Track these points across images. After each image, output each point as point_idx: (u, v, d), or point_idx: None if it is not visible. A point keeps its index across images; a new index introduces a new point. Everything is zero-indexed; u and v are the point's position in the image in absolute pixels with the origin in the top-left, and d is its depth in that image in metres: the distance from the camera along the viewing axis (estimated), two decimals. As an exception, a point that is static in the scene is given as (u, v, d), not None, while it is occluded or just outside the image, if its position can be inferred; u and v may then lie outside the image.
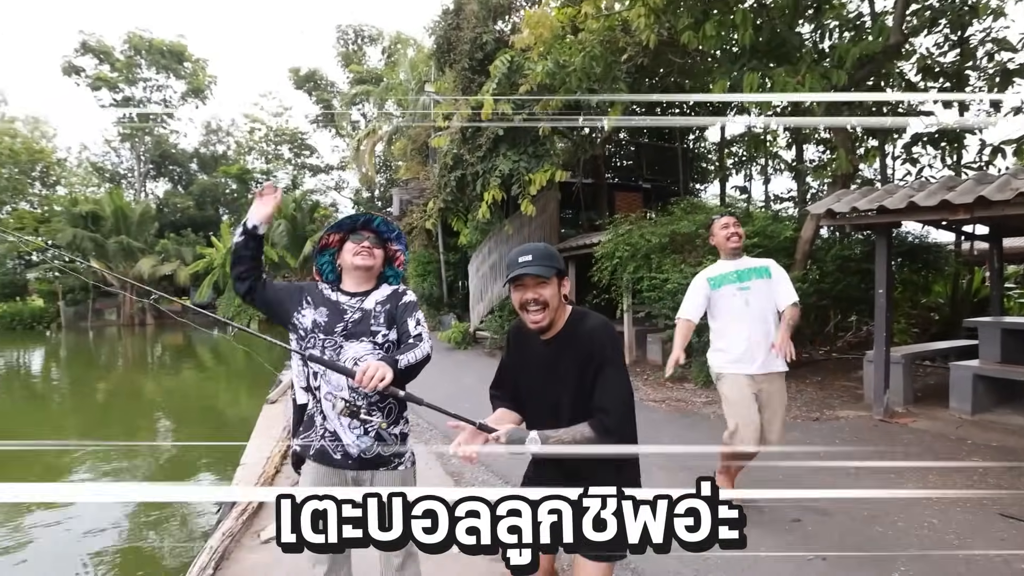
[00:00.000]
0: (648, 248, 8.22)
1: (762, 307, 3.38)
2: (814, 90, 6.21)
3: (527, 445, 1.74)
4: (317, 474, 2.10)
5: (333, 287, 2.21)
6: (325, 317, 2.10)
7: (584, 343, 1.80)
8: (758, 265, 3.49)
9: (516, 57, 9.69)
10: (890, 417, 5.71)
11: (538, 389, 1.90)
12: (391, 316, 2.15)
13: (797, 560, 2.98)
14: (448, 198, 11.64)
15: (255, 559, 3.32)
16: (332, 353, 2.07)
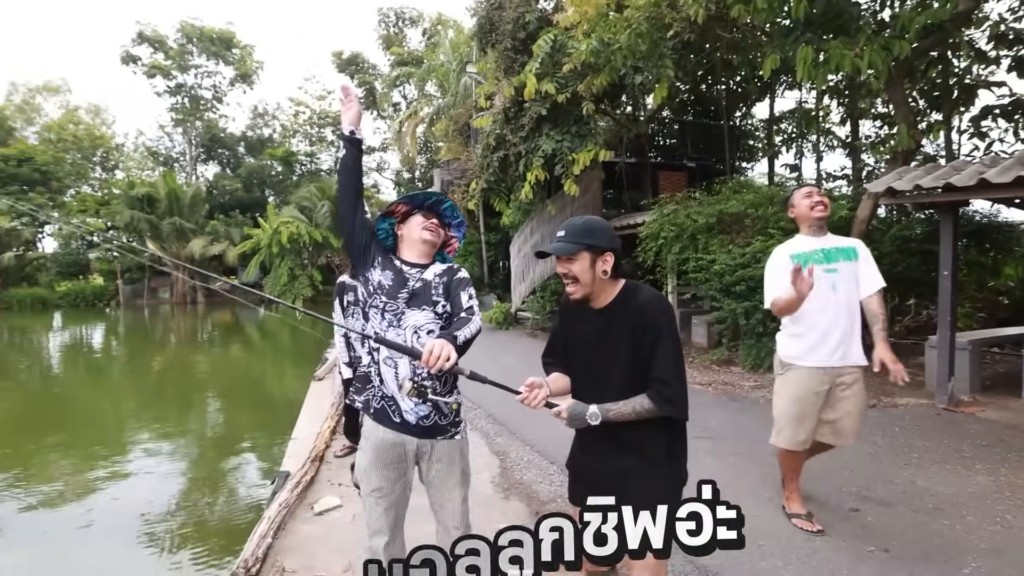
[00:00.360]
0: (694, 228, 8.08)
1: (849, 294, 3.03)
2: (874, 64, 5.91)
3: (588, 420, 1.78)
4: (378, 435, 2.14)
5: (393, 254, 2.25)
6: (390, 280, 2.14)
7: (635, 315, 1.81)
8: (845, 245, 3.12)
9: (559, 36, 9.54)
10: (955, 406, 5.46)
11: (587, 359, 1.92)
12: (448, 288, 2.19)
13: (856, 551, 2.89)
14: (491, 178, 11.64)
15: (309, 530, 3.41)
16: (392, 317, 2.11)
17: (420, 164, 30.44)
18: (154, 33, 37.43)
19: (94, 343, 19.46)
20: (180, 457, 6.71)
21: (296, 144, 42.58)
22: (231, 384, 11.49)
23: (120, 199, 32.64)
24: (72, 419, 8.75)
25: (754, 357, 7.41)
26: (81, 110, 42.78)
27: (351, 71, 36.92)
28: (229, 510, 5.06)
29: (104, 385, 11.86)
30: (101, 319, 27.03)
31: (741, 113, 15.98)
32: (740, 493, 3.68)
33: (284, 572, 2.91)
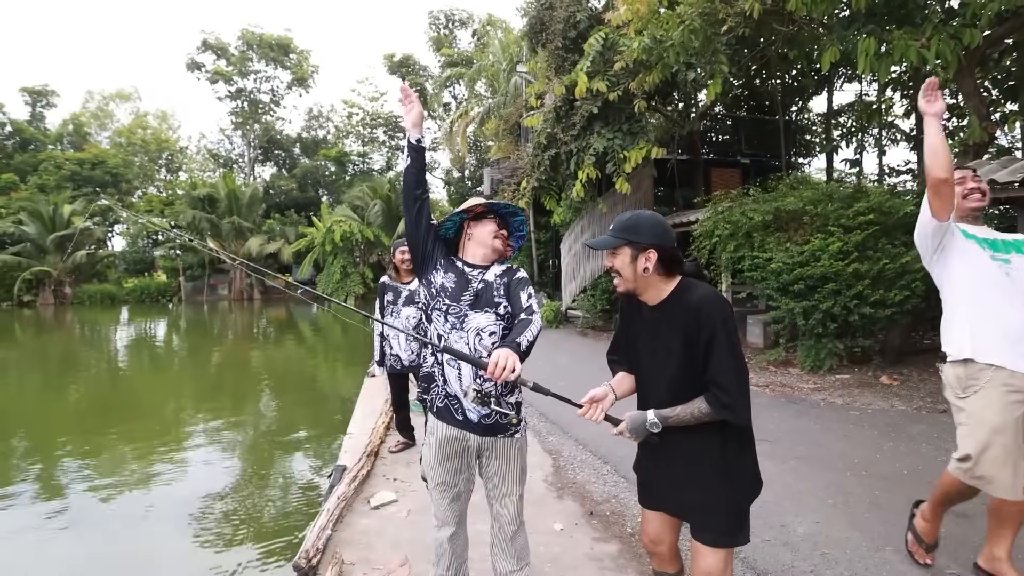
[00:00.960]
0: (750, 226, 7.93)
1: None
2: (942, 54, 5.70)
3: (649, 430, 1.79)
4: (441, 432, 2.19)
5: (455, 256, 2.29)
6: (453, 283, 2.17)
7: (688, 313, 1.75)
8: (1014, 239, 2.44)
9: (611, 34, 9.53)
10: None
11: (645, 355, 1.91)
12: (508, 289, 2.22)
13: (928, 568, 2.76)
14: (541, 177, 11.72)
15: (365, 524, 3.47)
16: (456, 320, 2.13)
17: (470, 163, 30.78)
18: (217, 41, 39.36)
19: (157, 337, 20.25)
20: (237, 450, 6.84)
21: (349, 145, 43.84)
22: (286, 379, 11.77)
23: (183, 199, 34.40)
24: (136, 410, 9.12)
25: (813, 358, 7.24)
26: (149, 116, 45.67)
27: (402, 73, 37.75)
28: (285, 503, 5.14)
29: (165, 378, 12.31)
30: (164, 314, 28.16)
31: (797, 107, 15.53)
32: (802, 498, 3.65)
33: (343, 564, 2.95)
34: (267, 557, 4.08)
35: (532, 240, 15.43)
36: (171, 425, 7.95)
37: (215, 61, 39.89)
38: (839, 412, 5.63)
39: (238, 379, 11.91)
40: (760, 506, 3.44)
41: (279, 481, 5.78)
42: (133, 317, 26.66)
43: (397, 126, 42.50)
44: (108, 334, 20.91)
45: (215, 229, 31.92)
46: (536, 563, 2.94)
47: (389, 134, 42.84)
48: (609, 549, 3.08)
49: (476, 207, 2.27)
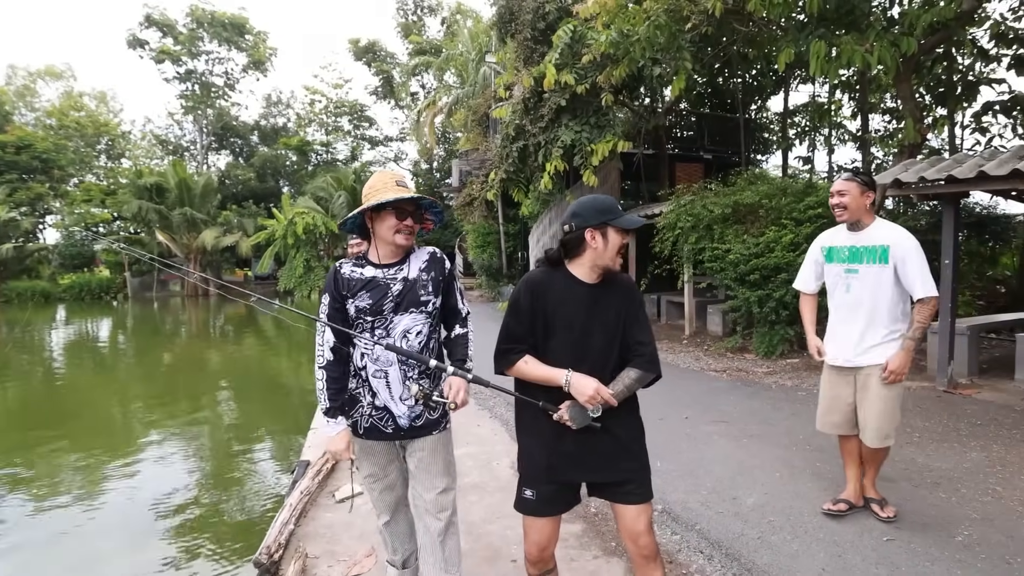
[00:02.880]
0: (710, 219, 8.30)
1: (864, 299, 2.97)
2: (883, 59, 6.12)
3: (592, 413, 1.88)
4: (370, 448, 2.20)
5: (360, 263, 2.14)
6: (368, 300, 2.06)
7: (623, 288, 2.02)
8: (878, 244, 2.92)
9: (579, 27, 9.70)
10: (954, 388, 5.75)
11: (571, 333, 1.94)
12: (438, 284, 2.16)
13: (860, 524, 3.11)
14: (510, 169, 11.83)
15: (330, 517, 3.47)
16: (383, 331, 2.07)
17: (438, 154, 30.45)
18: (163, 17, 36.56)
19: (100, 337, 18.92)
20: (196, 451, 6.66)
21: (312, 133, 42.19)
22: (246, 377, 11.36)
23: (127, 188, 31.49)
24: (79, 415, 8.55)
25: (767, 344, 7.67)
26: (85, 96, 41.55)
27: (368, 59, 36.79)
28: (248, 501, 5.07)
29: (112, 380, 11.57)
30: (108, 313, 26.20)
31: (756, 106, 16.10)
32: (753, 473, 3.95)
33: (307, 557, 2.92)
34: (228, 557, 4.02)
35: (501, 232, 15.59)
36: (121, 430, 7.59)
37: (161, 39, 37.12)
38: (788, 393, 6.04)
39: (193, 380, 11.28)
40: (715, 481, 3.82)
41: (240, 480, 5.65)
42: (71, 316, 24.52)
43: (363, 115, 41.61)
44: (41, 335, 19.20)
45: (164, 221, 29.87)
46: (504, 546, 3.06)
47: (354, 123, 41.69)
48: (573, 529, 3.24)
49: (365, 207, 2.08)
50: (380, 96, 38.81)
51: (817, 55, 6.53)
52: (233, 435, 7.27)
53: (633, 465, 2.00)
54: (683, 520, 3.32)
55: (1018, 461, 3.95)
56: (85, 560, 4.12)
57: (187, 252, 30.41)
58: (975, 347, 6.29)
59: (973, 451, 4.18)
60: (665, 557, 2.93)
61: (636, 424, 2.06)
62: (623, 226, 1.90)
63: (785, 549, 2.93)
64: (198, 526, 4.56)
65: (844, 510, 3.20)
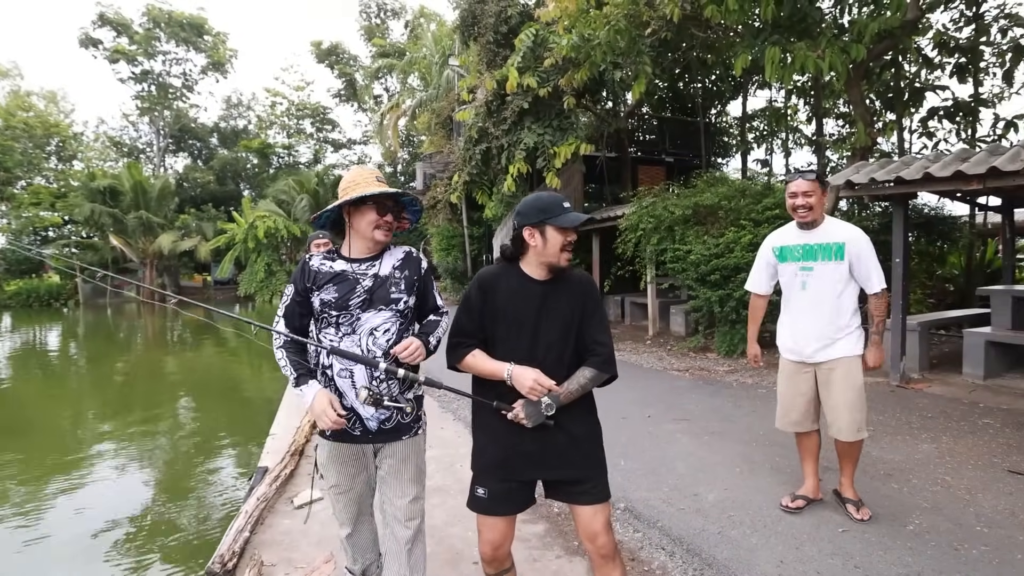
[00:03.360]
0: (671, 220, 8.41)
1: (822, 295, 3.02)
2: (834, 65, 6.32)
3: (545, 413, 1.87)
4: (337, 451, 2.11)
5: (330, 257, 2.09)
6: (335, 294, 2.00)
7: (581, 285, 2.01)
8: (833, 241, 2.99)
9: (541, 31, 9.75)
10: (906, 383, 5.93)
11: (528, 325, 1.94)
12: (412, 283, 2.09)
13: (816, 516, 3.17)
14: (473, 171, 11.82)
15: (288, 524, 3.38)
16: (348, 328, 2.01)
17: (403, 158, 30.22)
18: (117, 16, 35.53)
19: (50, 346, 18.10)
20: (151, 462, 6.46)
21: (273, 136, 41.57)
22: (206, 385, 11.00)
23: (79, 191, 30.33)
24: (25, 428, 8.17)
25: (728, 343, 7.80)
26: (34, 96, 39.50)
27: (331, 62, 36.41)
28: (205, 510, 4.94)
29: (62, 391, 11.05)
30: (58, 320, 25.15)
31: (716, 110, 16.46)
32: (714, 469, 4.00)
33: (263, 566, 2.84)
34: (183, 568, 3.93)
35: (465, 235, 15.53)
36: (67, 443, 7.23)
37: (115, 38, 36.05)
38: (749, 391, 6.15)
39: (148, 388, 10.91)
40: (677, 479, 3.85)
41: (198, 490, 5.50)
42: (18, 324, 23.49)
43: (325, 118, 41.08)
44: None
45: (119, 225, 28.92)
46: (466, 548, 3.02)
47: (316, 126, 41.24)
48: (536, 529, 3.23)
49: (347, 200, 2.02)
50: (343, 99, 38.59)
51: (772, 61, 6.71)
52: (191, 444, 7.05)
53: (588, 464, 1.99)
54: (645, 518, 3.33)
55: (965, 451, 4.09)
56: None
57: (143, 257, 29.61)
58: (926, 343, 6.51)
59: (924, 443, 4.31)
60: (627, 555, 2.93)
61: (592, 423, 2.05)
62: (561, 224, 1.88)
63: (744, 543, 2.96)
64: (151, 538, 4.43)
65: (802, 506, 3.24)
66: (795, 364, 3.17)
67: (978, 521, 3.08)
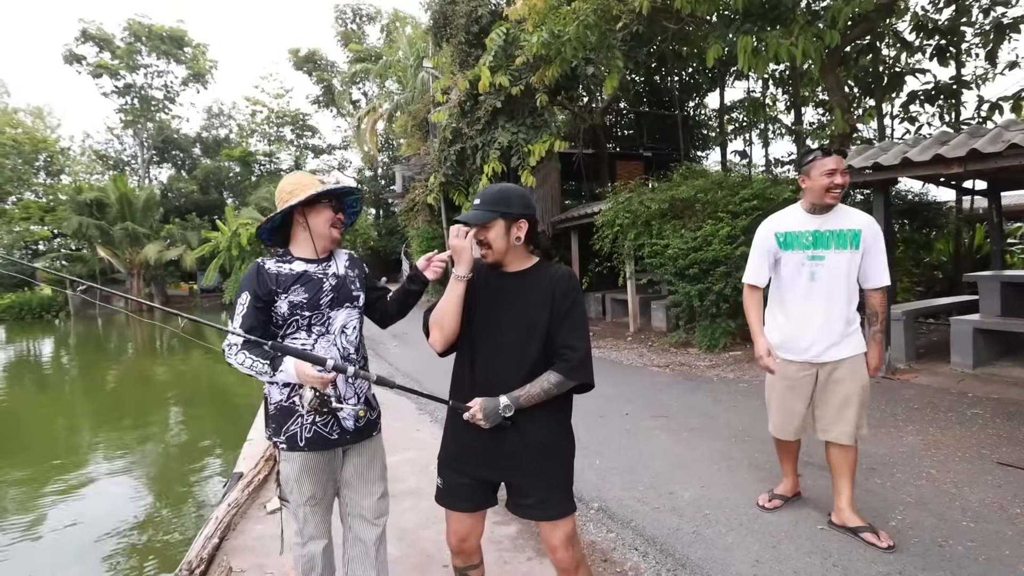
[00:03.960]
0: (648, 215, 8.31)
1: (835, 285, 2.70)
2: (807, 52, 6.22)
3: (502, 413, 1.76)
4: (312, 461, 2.03)
5: (285, 259, 2.05)
6: (305, 294, 1.98)
7: (555, 282, 1.83)
8: (848, 228, 2.68)
9: (511, 29, 9.66)
10: (892, 374, 5.81)
11: (487, 324, 1.87)
12: (363, 281, 2.16)
13: (794, 513, 3.06)
14: (448, 172, 11.73)
15: (260, 529, 3.35)
16: (321, 327, 2.00)
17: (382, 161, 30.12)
18: (99, 31, 36.01)
19: (43, 357, 18.48)
20: (141, 469, 6.40)
21: (254, 144, 41.61)
22: (193, 393, 11.11)
23: (67, 205, 31.04)
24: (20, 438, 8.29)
25: (709, 338, 7.69)
26: (21, 112, 40.69)
27: (309, 68, 36.37)
28: (184, 517, 4.91)
29: (53, 400, 11.25)
30: (50, 331, 25.67)
31: (694, 103, 16.43)
32: (692, 466, 3.87)
33: (231, 572, 2.82)
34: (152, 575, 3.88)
35: (444, 236, 15.37)
36: (56, 452, 7.26)
37: (98, 53, 36.50)
38: (730, 385, 6.02)
39: (138, 396, 11.03)
40: (653, 477, 3.70)
41: (182, 496, 5.50)
42: (11, 336, 24.00)
43: (305, 125, 40.96)
44: None
45: (106, 236, 29.31)
46: (436, 552, 2.96)
47: (296, 132, 41.14)
48: (508, 531, 3.14)
49: (308, 196, 2.01)
50: (322, 105, 38.68)
51: (744, 50, 6.61)
52: (176, 451, 7.08)
53: (540, 477, 1.85)
54: (619, 517, 3.23)
55: (952, 443, 3.97)
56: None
57: (130, 267, 29.80)
58: (911, 332, 6.37)
59: (909, 435, 4.18)
60: (599, 556, 2.86)
61: (555, 436, 1.89)
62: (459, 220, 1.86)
63: (720, 542, 2.86)
64: (123, 545, 4.41)
65: (779, 505, 3.12)
66: (796, 365, 2.82)
67: (964, 516, 2.95)
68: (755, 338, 2.84)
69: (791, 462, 3.14)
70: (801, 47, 6.25)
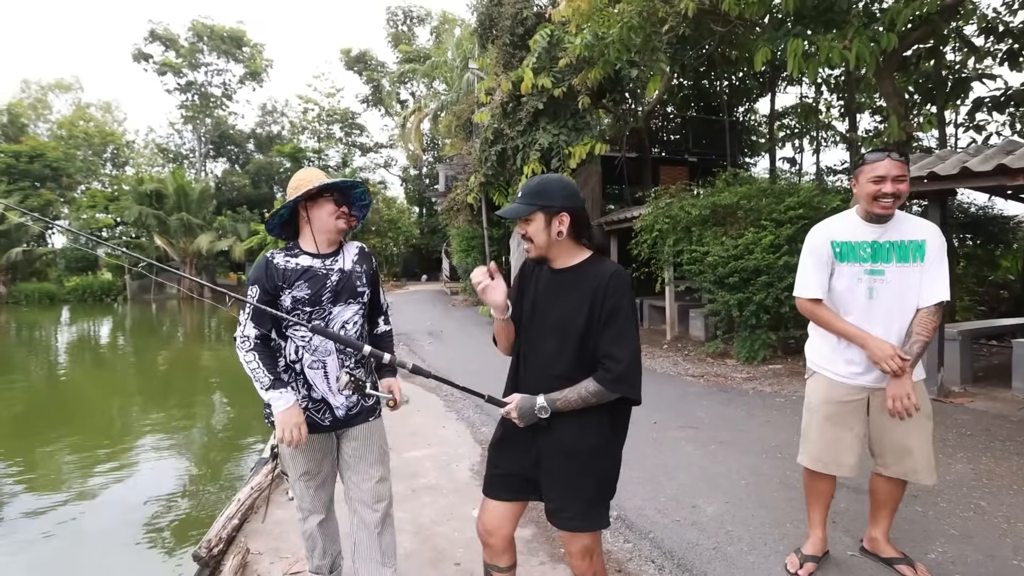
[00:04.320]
0: (688, 220, 8.12)
1: (895, 303, 2.36)
2: (862, 56, 5.96)
3: (538, 414, 1.71)
4: (307, 443, 2.07)
5: (292, 252, 2.09)
6: (307, 290, 2.02)
7: (599, 280, 1.71)
8: (911, 239, 2.34)
9: (556, 31, 9.62)
10: (944, 396, 5.47)
11: (535, 317, 1.81)
12: (370, 276, 2.17)
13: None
14: (489, 172, 11.76)
15: (280, 514, 3.43)
16: (321, 323, 2.04)
17: (427, 160, 30.53)
18: (166, 31, 38.04)
19: (101, 337, 19.62)
20: (176, 449, 6.76)
21: (304, 141, 42.88)
22: (234, 378, 11.39)
23: (129, 195, 32.87)
24: (74, 414, 8.82)
25: (748, 349, 7.47)
26: (92, 107, 43.59)
27: (359, 68, 37.22)
28: (214, 497, 5.08)
29: (108, 379, 11.91)
30: (108, 314, 27.12)
31: (744, 108, 16.01)
32: (716, 480, 3.75)
33: (248, 553, 2.89)
34: (177, 550, 4.11)
35: (485, 236, 15.44)
36: (110, 430, 7.73)
37: (163, 52, 38.57)
38: (766, 399, 5.82)
39: (186, 380, 11.61)
40: (676, 489, 3.59)
41: (210, 477, 5.72)
42: (75, 317, 25.51)
43: (354, 123, 41.94)
44: (48, 335, 20.10)
45: (162, 226, 30.81)
46: (449, 548, 2.96)
47: (345, 130, 42.17)
48: (523, 533, 3.09)
49: (309, 190, 2.04)
50: (370, 104, 39.60)
51: (794, 54, 6.38)
52: (215, 433, 7.39)
53: (566, 487, 1.78)
54: (637, 528, 3.15)
55: (1008, 474, 3.68)
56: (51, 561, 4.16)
57: (183, 256, 31.07)
58: (968, 353, 6.00)
59: (959, 463, 3.92)
60: (614, 566, 2.79)
61: (591, 450, 1.76)
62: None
63: (741, 561, 2.74)
64: (158, 517, 4.71)
65: (813, 571, 2.62)
66: (845, 388, 2.45)
67: (1016, 554, 2.72)
68: (863, 341, 2.31)
69: (822, 508, 2.65)
70: (855, 51, 5.98)
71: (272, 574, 2.78)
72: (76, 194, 37.14)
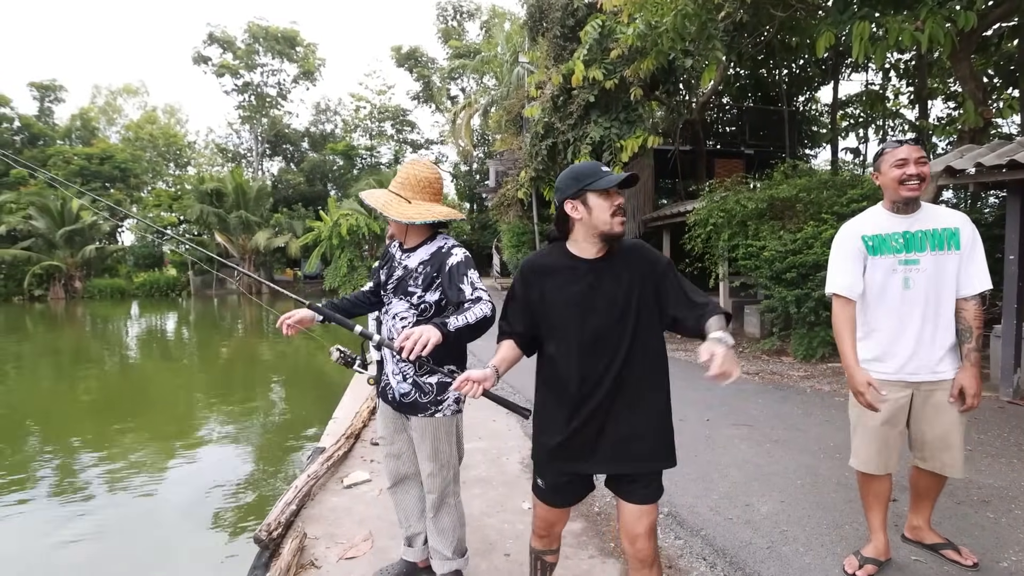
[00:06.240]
0: (744, 214, 7.88)
1: (931, 294, 2.34)
2: (936, 37, 5.61)
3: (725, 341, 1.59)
4: (384, 411, 2.41)
5: (395, 240, 2.37)
6: (383, 275, 2.29)
7: (635, 260, 1.79)
8: (944, 226, 2.33)
9: (607, 21, 9.47)
10: (1021, 399, 5.16)
11: (579, 308, 1.78)
12: (431, 280, 2.12)
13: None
14: (539, 167, 11.71)
15: (336, 502, 3.52)
16: (385, 307, 2.30)
17: (477, 156, 30.68)
18: (223, 34, 39.34)
19: (167, 331, 20.82)
20: (238, 438, 7.05)
21: (356, 139, 43.60)
22: (292, 372, 12.04)
23: (191, 194, 34.37)
24: (141, 403, 9.42)
25: (805, 347, 7.20)
26: (158, 110, 45.86)
27: (410, 65, 37.66)
28: (274, 484, 5.32)
29: (176, 370, 12.59)
30: (173, 308, 28.40)
31: (804, 97, 15.38)
32: (771, 479, 3.64)
33: (305, 538, 3.00)
34: (239, 531, 4.34)
35: (535, 232, 15.43)
36: (174, 418, 8.18)
37: (221, 54, 39.88)
38: (824, 398, 5.61)
39: (247, 372, 12.15)
40: (729, 486, 3.51)
41: (270, 466, 5.98)
42: (143, 311, 26.97)
43: (405, 120, 42.49)
44: (120, 328, 21.38)
45: (222, 223, 32.05)
46: (499, 540, 2.99)
47: (396, 128, 42.74)
48: (573, 527, 3.08)
49: None
50: (421, 100, 39.96)
51: (860, 37, 6.08)
52: (274, 424, 7.78)
53: (652, 457, 1.82)
54: (688, 524, 3.10)
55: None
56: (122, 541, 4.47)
57: (242, 252, 32.26)
58: (1049, 352, 5.64)
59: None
60: (665, 562, 2.75)
61: (660, 409, 1.85)
62: (601, 187, 1.71)
63: (796, 561, 2.66)
64: (222, 501, 5.01)
65: (873, 572, 2.54)
66: (892, 385, 2.41)
67: (1103, 571, 2.54)
68: (849, 367, 2.39)
69: (881, 510, 2.55)
70: (928, 32, 5.63)
71: (328, 558, 2.86)
72: (143, 194, 39.21)
